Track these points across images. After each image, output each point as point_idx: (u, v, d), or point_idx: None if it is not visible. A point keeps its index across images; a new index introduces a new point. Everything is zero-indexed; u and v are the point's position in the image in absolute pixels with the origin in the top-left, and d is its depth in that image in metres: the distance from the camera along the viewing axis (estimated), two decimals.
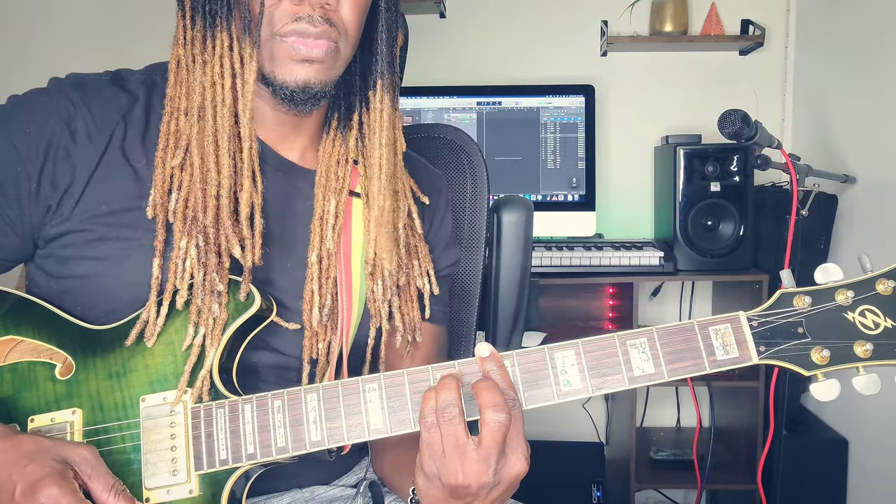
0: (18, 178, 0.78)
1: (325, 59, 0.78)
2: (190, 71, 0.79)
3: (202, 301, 0.76)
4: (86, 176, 0.79)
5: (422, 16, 2.41)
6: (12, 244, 0.81)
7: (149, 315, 0.77)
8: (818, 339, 0.70)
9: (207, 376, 0.75)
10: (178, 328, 0.77)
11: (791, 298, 0.71)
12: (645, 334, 0.71)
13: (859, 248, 2.01)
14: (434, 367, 0.72)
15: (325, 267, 0.86)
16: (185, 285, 0.77)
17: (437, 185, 1.01)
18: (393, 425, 0.71)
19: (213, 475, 0.74)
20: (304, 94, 0.79)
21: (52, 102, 0.80)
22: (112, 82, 0.83)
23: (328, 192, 0.87)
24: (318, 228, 0.86)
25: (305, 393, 0.73)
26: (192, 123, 0.78)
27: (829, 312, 0.70)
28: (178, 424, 0.74)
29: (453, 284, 1.11)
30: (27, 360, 0.78)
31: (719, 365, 0.70)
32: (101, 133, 0.79)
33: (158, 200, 0.78)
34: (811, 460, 2.03)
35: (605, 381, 0.70)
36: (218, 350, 0.76)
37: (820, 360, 0.70)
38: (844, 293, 0.70)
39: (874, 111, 1.97)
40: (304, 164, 0.89)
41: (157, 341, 0.77)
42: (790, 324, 0.70)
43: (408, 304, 0.91)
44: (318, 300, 0.84)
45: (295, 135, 0.89)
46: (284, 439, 0.72)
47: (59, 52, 2.47)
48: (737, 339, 0.70)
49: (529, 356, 0.71)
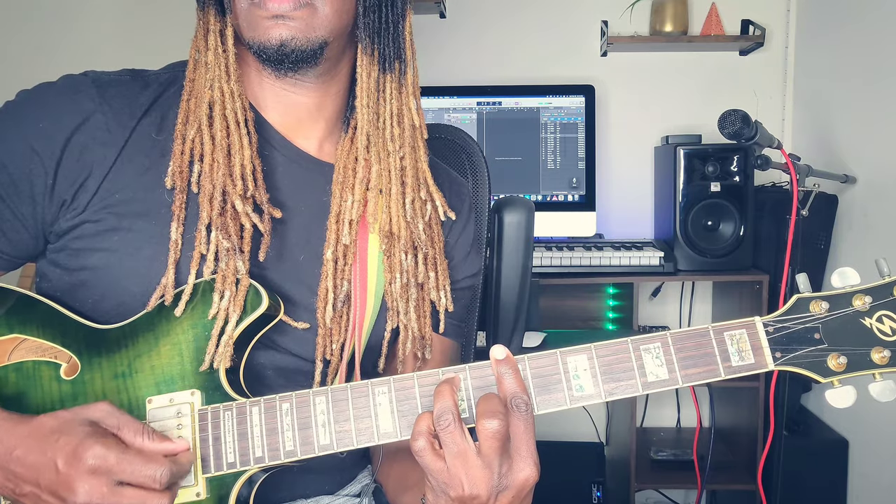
0: (32, 174, 0.78)
1: (295, 15, 0.77)
2: (202, 54, 0.82)
3: (226, 265, 0.77)
4: (103, 172, 0.79)
5: (422, 16, 2.40)
6: (23, 241, 0.81)
7: (167, 280, 0.77)
8: (835, 345, 0.69)
9: (230, 342, 0.75)
10: (186, 329, 0.77)
11: (808, 303, 0.70)
12: (659, 339, 0.69)
13: (859, 248, 2.01)
14: (444, 371, 0.71)
15: (341, 266, 0.85)
16: (212, 255, 0.77)
17: (461, 192, 1.00)
18: (402, 429, 0.70)
19: (221, 478, 0.73)
20: (280, 52, 0.78)
21: (68, 98, 0.79)
22: (132, 80, 0.84)
23: (346, 188, 0.86)
24: (335, 225, 0.85)
25: (314, 396, 0.72)
26: (208, 98, 0.80)
27: (846, 318, 0.69)
28: (184, 427, 0.74)
29: (472, 298, 1.09)
30: (32, 360, 0.78)
31: (734, 371, 0.69)
32: (121, 128, 0.80)
33: (178, 169, 0.79)
34: (811, 460, 2.03)
35: (619, 387, 0.69)
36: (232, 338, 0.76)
37: (836, 366, 0.68)
38: (862, 298, 0.69)
39: (874, 111, 1.97)
40: (321, 156, 0.89)
41: (163, 341, 0.77)
42: (807, 329, 0.69)
43: (421, 312, 0.90)
44: (332, 298, 0.84)
45: (311, 121, 0.88)
46: (293, 442, 0.71)
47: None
48: (752, 345, 0.69)
49: (541, 360, 0.70)
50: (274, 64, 0.81)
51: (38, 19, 2.50)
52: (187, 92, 0.82)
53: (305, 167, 0.87)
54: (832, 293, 0.70)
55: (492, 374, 0.70)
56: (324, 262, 0.84)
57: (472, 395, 0.70)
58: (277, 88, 0.86)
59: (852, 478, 2.05)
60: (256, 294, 0.77)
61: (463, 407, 0.70)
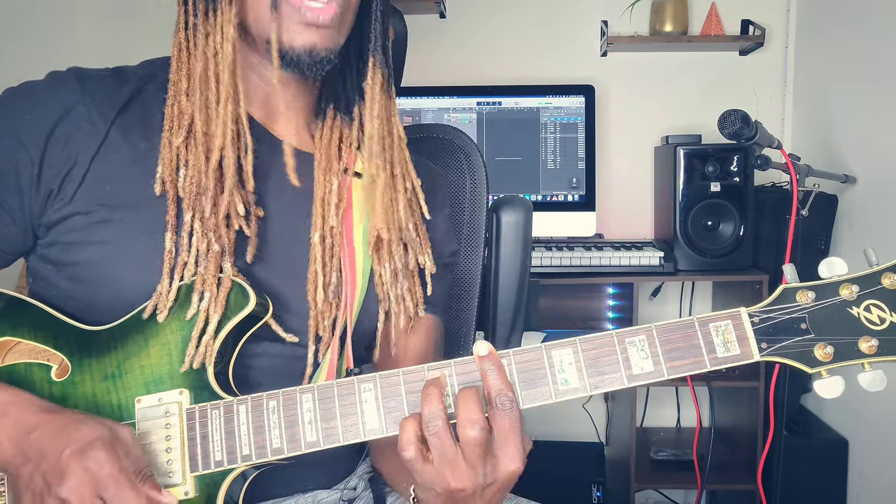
0: (19, 165, 0.78)
1: (331, 24, 0.79)
2: (191, 52, 0.81)
3: (205, 269, 0.77)
4: (87, 159, 0.79)
5: (422, 16, 2.41)
6: (12, 234, 0.81)
7: (163, 288, 0.77)
8: (822, 335, 0.68)
9: (211, 342, 0.75)
10: (174, 329, 0.77)
11: (794, 294, 0.69)
12: (644, 332, 0.69)
13: (859, 248, 1.99)
14: (430, 367, 0.71)
15: (329, 246, 0.86)
16: (193, 259, 0.78)
17: (436, 181, 1.01)
18: (388, 426, 0.71)
19: (209, 476, 0.73)
20: (310, 58, 0.80)
21: (52, 92, 0.80)
22: (113, 76, 0.84)
23: (329, 173, 0.88)
24: (320, 209, 0.86)
25: (300, 393, 0.73)
26: (193, 101, 0.80)
27: (833, 308, 0.68)
28: (172, 426, 0.74)
29: (453, 281, 1.11)
30: (24, 362, 0.78)
31: (720, 363, 0.68)
32: (102, 119, 0.80)
33: (167, 177, 0.79)
34: (811, 460, 2.03)
35: (604, 380, 0.69)
36: (218, 340, 0.76)
37: (823, 356, 0.68)
38: (849, 287, 0.68)
39: (874, 111, 1.97)
40: (301, 146, 0.90)
41: (152, 342, 0.77)
42: (793, 319, 0.68)
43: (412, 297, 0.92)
44: (322, 280, 0.85)
45: (290, 112, 0.89)
46: (280, 440, 0.72)
47: (67, 55, 2.47)
48: (738, 336, 0.68)
49: (526, 355, 0.70)
50: (298, 68, 0.81)
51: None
52: (171, 96, 0.81)
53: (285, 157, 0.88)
54: (819, 283, 0.69)
55: (476, 370, 0.70)
56: (311, 245, 0.85)
57: (457, 391, 0.70)
58: (258, 81, 0.86)
59: (852, 478, 2.04)
60: (244, 293, 0.78)
61: (449, 402, 0.70)
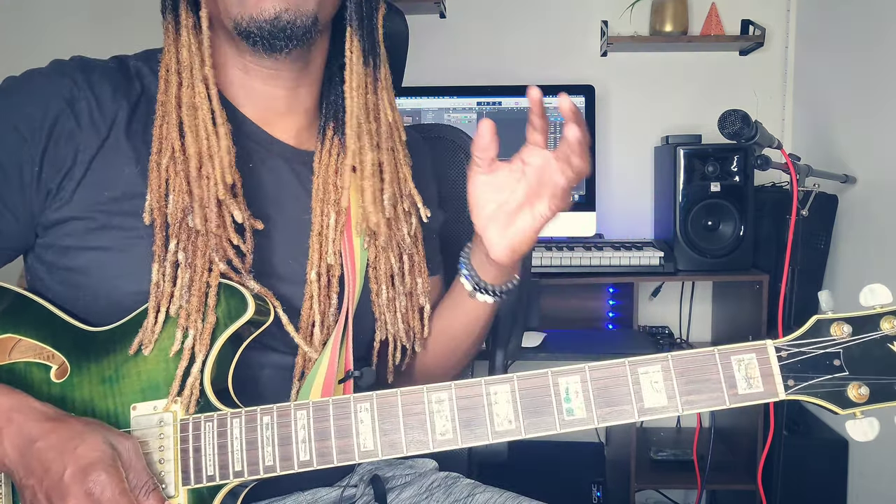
0: (21, 161, 0.77)
1: None
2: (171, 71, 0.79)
3: (187, 302, 0.75)
4: (87, 158, 0.77)
5: (422, 16, 2.40)
6: (13, 230, 0.79)
7: (148, 323, 0.75)
8: (857, 373, 0.62)
9: (196, 384, 0.73)
10: (171, 335, 0.75)
11: (828, 326, 0.64)
12: (659, 362, 0.65)
13: (859, 248, 2.01)
14: (429, 388, 0.69)
15: (324, 283, 0.85)
16: (178, 290, 0.75)
17: (422, 150, 1.00)
18: (384, 448, 0.68)
19: (202, 490, 0.72)
20: (274, 26, 0.76)
21: (54, 83, 0.78)
22: (118, 69, 0.82)
23: (326, 205, 0.86)
24: (318, 245, 0.84)
25: (295, 409, 0.71)
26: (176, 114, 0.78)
27: (871, 343, 0.62)
28: (167, 436, 0.72)
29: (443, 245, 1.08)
30: (24, 361, 0.77)
31: (741, 399, 0.64)
32: (104, 116, 0.78)
33: (155, 205, 0.77)
34: (811, 460, 2.03)
35: (612, 412, 0.65)
36: (210, 358, 0.74)
37: (857, 397, 0.62)
38: (891, 321, 0.62)
39: (874, 111, 1.97)
40: (300, 146, 0.88)
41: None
42: (826, 355, 0.63)
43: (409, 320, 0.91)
44: (318, 319, 0.84)
45: (288, 113, 0.88)
46: (273, 458, 0.70)
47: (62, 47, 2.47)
48: (762, 372, 0.63)
49: (531, 381, 0.67)
50: (266, 41, 0.77)
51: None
52: (160, 116, 0.79)
53: (287, 159, 0.87)
54: (858, 314, 0.63)
55: (477, 395, 0.68)
56: (307, 283, 0.84)
57: (456, 415, 0.68)
58: (253, 83, 0.84)
59: (852, 478, 2.04)
60: (242, 299, 0.76)
61: (447, 428, 0.68)
